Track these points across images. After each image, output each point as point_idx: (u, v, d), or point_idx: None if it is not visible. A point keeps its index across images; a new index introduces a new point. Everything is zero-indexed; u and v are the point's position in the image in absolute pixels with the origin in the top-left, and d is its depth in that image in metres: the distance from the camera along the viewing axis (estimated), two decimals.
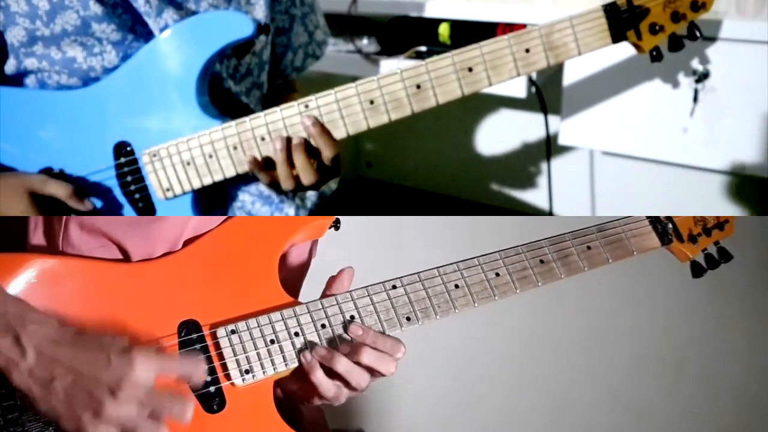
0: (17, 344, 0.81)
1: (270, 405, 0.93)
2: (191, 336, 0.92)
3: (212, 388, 0.91)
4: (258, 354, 0.93)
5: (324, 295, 0.98)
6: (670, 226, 1.11)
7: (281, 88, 1.29)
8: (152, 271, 0.94)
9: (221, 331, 0.93)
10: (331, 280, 0.99)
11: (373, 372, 0.94)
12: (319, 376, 0.93)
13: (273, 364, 0.93)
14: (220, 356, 0.92)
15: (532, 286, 1.02)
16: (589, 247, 1.06)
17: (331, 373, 0.93)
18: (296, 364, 0.94)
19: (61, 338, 0.82)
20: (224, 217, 0.99)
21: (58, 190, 1.07)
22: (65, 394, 0.80)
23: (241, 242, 0.97)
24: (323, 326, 0.95)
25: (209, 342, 0.92)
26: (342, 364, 0.92)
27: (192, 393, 0.90)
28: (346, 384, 0.94)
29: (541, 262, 1.03)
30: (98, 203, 1.12)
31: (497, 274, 1.01)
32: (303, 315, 0.95)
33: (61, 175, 1.10)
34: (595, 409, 2.05)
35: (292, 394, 0.99)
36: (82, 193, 1.09)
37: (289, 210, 1.18)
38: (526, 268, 1.02)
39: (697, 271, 1.13)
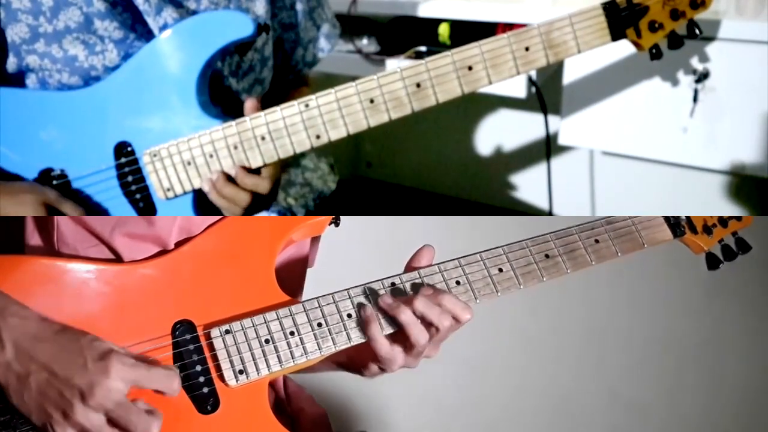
0: None
1: (264, 405, 0.93)
2: (185, 336, 0.92)
3: (206, 389, 0.91)
4: (252, 354, 0.92)
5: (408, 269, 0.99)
6: (683, 218, 1.08)
7: (292, 83, 1.29)
8: (147, 271, 0.94)
9: (215, 332, 0.92)
10: (412, 259, 0.99)
11: (430, 327, 0.93)
12: (374, 331, 0.92)
13: (267, 364, 0.93)
14: (214, 357, 0.92)
15: (537, 281, 1.01)
16: (597, 241, 1.04)
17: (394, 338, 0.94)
18: (291, 363, 0.93)
19: (41, 334, 0.82)
20: (216, 218, 0.99)
21: (71, 211, 1.07)
22: (38, 391, 0.80)
23: (236, 242, 0.97)
24: (319, 325, 0.95)
25: (203, 342, 0.92)
26: (405, 314, 0.92)
27: (184, 394, 0.90)
28: (405, 342, 0.93)
29: (547, 256, 1.02)
30: (99, 203, 1.12)
31: (500, 270, 1.00)
32: (299, 314, 0.94)
33: (62, 176, 1.10)
34: (595, 409, 2.04)
35: (342, 365, 1.00)
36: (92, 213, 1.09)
37: (298, 209, 1.18)
38: (531, 263, 1.01)
39: (712, 263, 1.10)
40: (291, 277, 1.04)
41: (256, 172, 1.09)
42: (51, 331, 0.83)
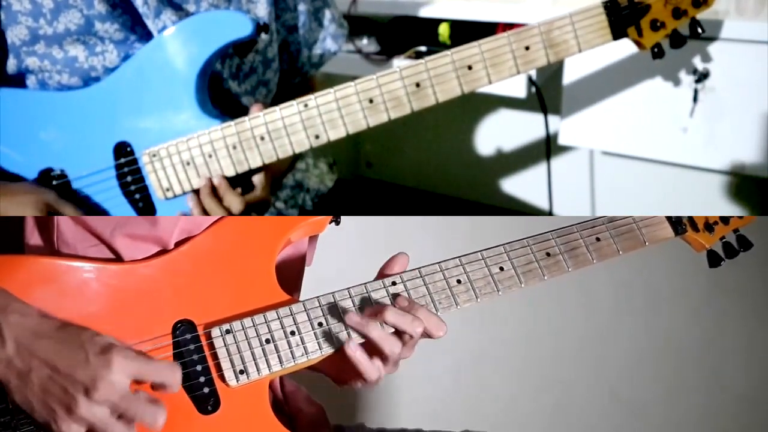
0: None
1: (265, 405, 0.93)
2: (186, 336, 0.92)
3: (206, 389, 0.91)
4: (253, 354, 0.92)
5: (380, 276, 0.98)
6: (685, 216, 1.08)
7: (298, 87, 1.28)
8: (147, 271, 0.94)
9: (216, 331, 0.92)
10: (385, 266, 0.99)
11: (401, 335, 0.93)
12: (359, 357, 0.92)
13: (268, 364, 0.93)
14: (215, 356, 0.92)
15: (538, 280, 1.01)
16: (598, 239, 1.04)
17: (368, 351, 0.93)
18: (292, 363, 0.93)
19: (42, 330, 0.82)
20: (217, 217, 0.99)
21: (71, 213, 1.07)
22: (40, 388, 0.80)
23: (236, 241, 0.97)
24: (320, 324, 0.95)
25: (204, 342, 0.92)
26: (375, 330, 0.92)
27: (184, 394, 0.90)
28: (380, 356, 0.93)
29: (548, 255, 1.01)
30: (98, 203, 1.12)
31: (501, 269, 1.00)
32: (299, 313, 0.94)
33: (62, 176, 1.10)
34: (595, 409, 2.04)
35: (332, 378, 1.00)
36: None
37: (289, 210, 1.18)
38: (532, 262, 1.01)
39: (713, 260, 1.10)
40: (289, 277, 1.04)
41: (249, 185, 1.09)
42: (52, 327, 0.83)
